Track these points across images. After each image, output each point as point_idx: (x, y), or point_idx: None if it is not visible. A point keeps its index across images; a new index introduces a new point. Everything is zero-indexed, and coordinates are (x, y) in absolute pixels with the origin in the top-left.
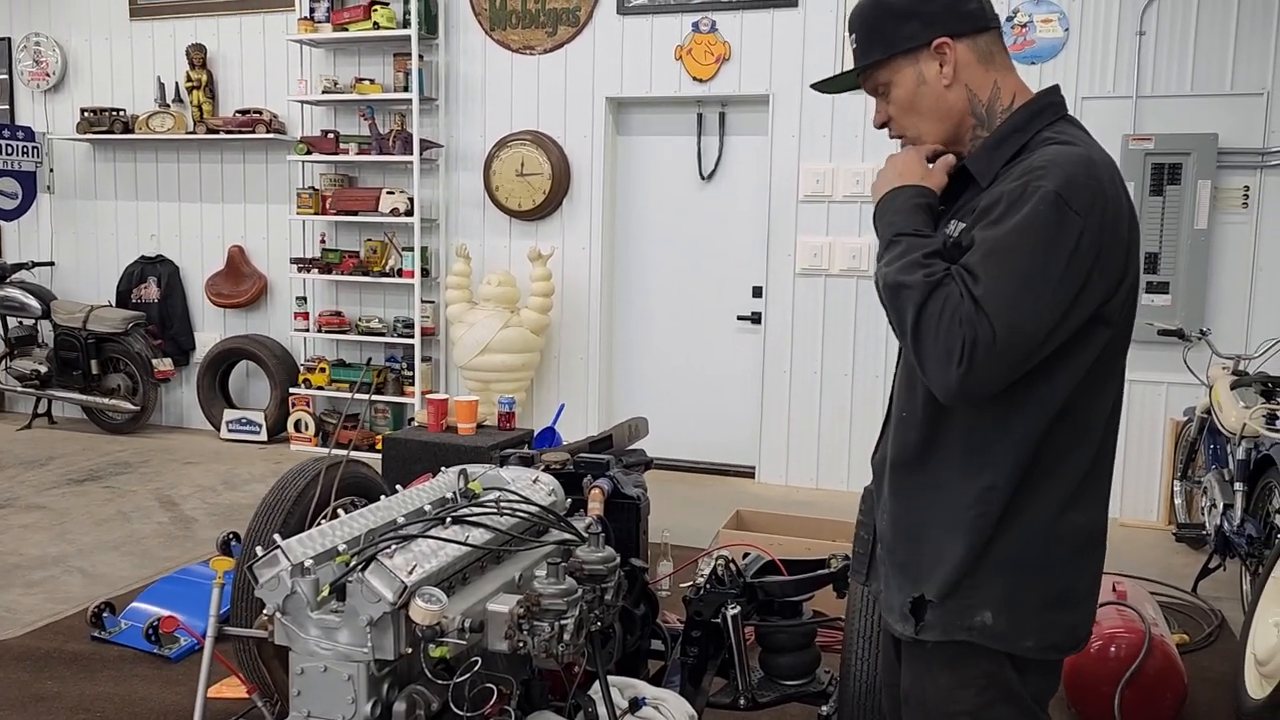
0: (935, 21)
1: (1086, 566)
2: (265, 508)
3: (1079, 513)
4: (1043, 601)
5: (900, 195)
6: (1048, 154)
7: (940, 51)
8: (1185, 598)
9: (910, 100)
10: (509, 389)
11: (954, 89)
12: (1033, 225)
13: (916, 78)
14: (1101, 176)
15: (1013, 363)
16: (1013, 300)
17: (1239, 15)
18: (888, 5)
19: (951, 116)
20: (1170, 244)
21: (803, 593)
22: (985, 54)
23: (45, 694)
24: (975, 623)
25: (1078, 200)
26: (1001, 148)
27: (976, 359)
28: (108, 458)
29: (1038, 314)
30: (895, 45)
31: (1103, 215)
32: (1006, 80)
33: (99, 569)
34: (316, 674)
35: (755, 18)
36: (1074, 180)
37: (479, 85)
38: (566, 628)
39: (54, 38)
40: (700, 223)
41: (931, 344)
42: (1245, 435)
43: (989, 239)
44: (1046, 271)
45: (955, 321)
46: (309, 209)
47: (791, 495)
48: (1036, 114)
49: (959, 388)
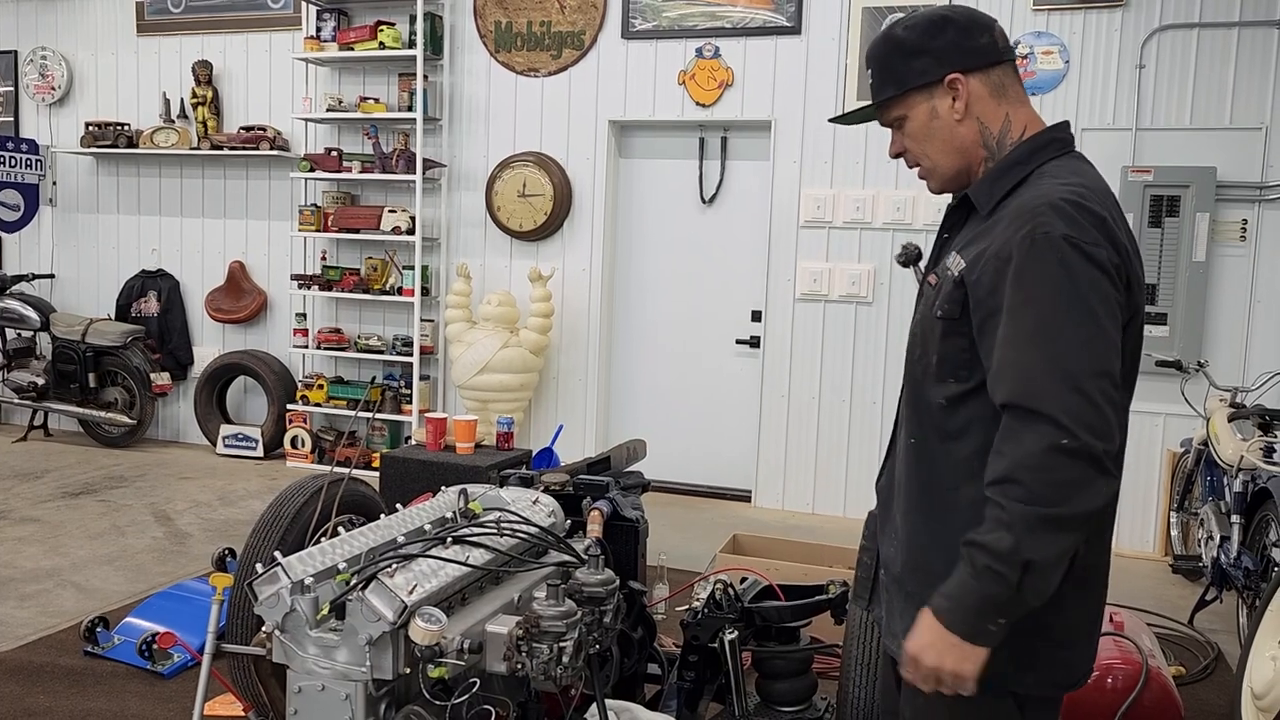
0: (946, 58)
1: (1086, 604)
2: (263, 524)
3: (1090, 550)
4: (1044, 638)
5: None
6: (1042, 190)
7: (953, 87)
8: (1181, 630)
9: (923, 133)
10: (507, 409)
11: (965, 123)
12: (1058, 283)
13: (929, 112)
14: (1103, 207)
15: (1121, 412)
16: (1080, 373)
17: (1238, 50)
18: (899, 41)
19: (963, 149)
20: (1168, 275)
21: (800, 618)
22: (998, 87)
23: (37, 708)
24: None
25: (1088, 235)
26: (1003, 179)
27: (1096, 446)
28: (103, 471)
29: (1108, 360)
30: (908, 81)
31: (1115, 241)
32: (1018, 113)
33: (93, 583)
34: (314, 693)
35: (758, 44)
36: (1074, 217)
37: (483, 106)
38: (565, 650)
39: (60, 51)
40: (700, 246)
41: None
42: (1242, 468)
43: (1021, 331)
44: (1095, 321)
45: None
46: (311, 226)
47: (788, 520)
48: (1041, 148)
49: (1112, 461)
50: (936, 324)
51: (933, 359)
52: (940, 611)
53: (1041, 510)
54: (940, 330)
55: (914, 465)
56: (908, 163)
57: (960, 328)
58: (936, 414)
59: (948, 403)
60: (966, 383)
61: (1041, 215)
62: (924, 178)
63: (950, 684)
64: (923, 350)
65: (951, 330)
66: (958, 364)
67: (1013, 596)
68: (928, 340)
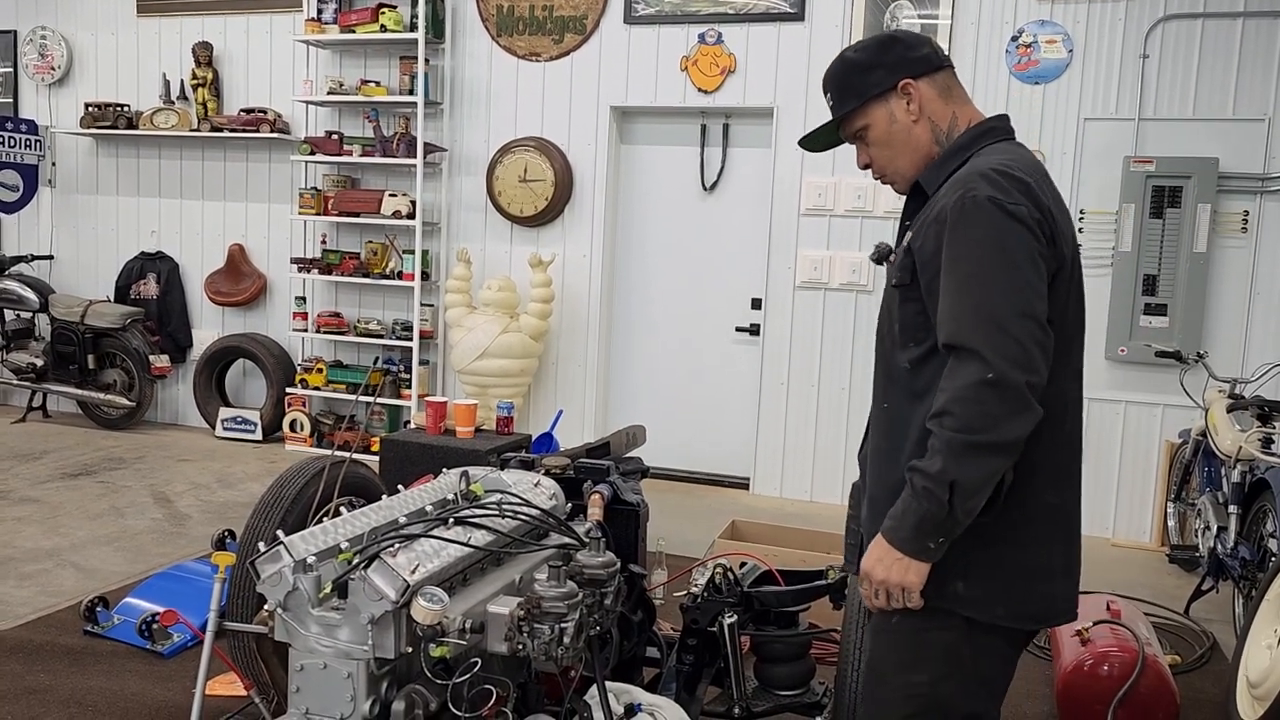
0: (897, 67)
1: (1059, 543)
2: (264, 505)
3: (1051, 493)
4: (1016, 573)
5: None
6: (974, 165)
7: (906, 91)
8: (1177, 619)
9: (885, 138)
10: (506, 394)
11: (920, 123)
12: (983, 236)
13: (888, 117)
14: (1026, 174)
15: (1045, 349)
16: (1005, 314)
17: (1242, 41)
18: (853, 61)
19: (920, 147)
20: (1169, 266)
21: (799, 603)
22: (944, 89)
23: (37, 687)
24: (948, 591)
25: (1011, 195)
26: (947, 163)
27: (1019, 378)
28: (102, 453)
29: (1030, 302)
30: (867, 92)
31: (1037, 199)
32: (964, 111)
33: (92, 563)
34: (316, 671)
35: (761, 30)
36: (998, 180)
37: (484, 90)
38: (566, 631)
39: (60, 31)
40: (701, 233)
41: (1000, 406)
42: (1240, 459)
43: (955, 281)
44: (1015, 260)
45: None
46: (311, 209)
47: (785, 507)
48: (980, 135)
49: (1036, 393)
50: (894, 293)
51: (895, 326)
52: (886, 531)
53: (969, 437)
54: (898, 298)
55: (886, 429)
56: (874, 172)
57: (912, 293)
58: (903, 377)
59: (911, 365)
60: (924, 344)
61: (970, 182)
62: (890, 182)
63: (898, 596)
64: (888, 321)
65: (907, 296)
66: (915, 327)
67: (946, 515)
68: (890, 310)
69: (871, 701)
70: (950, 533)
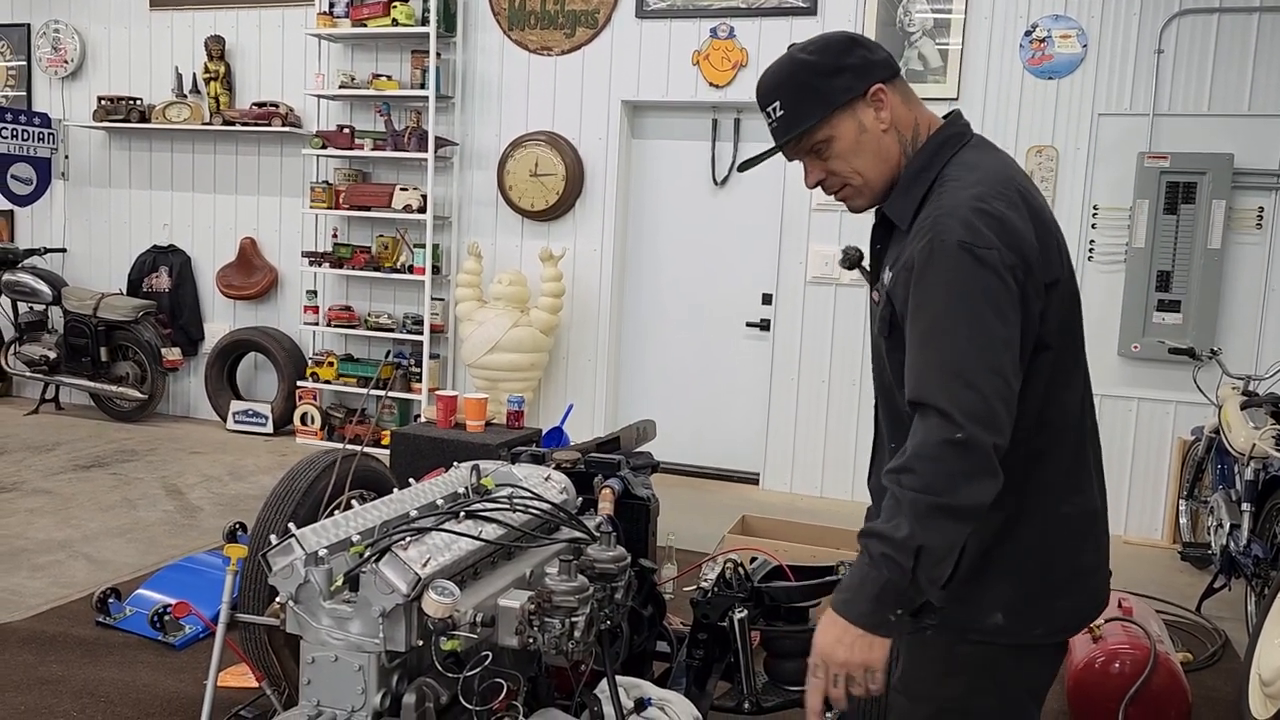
0: (864, 72)
1: (1087, 546)
2: (275, 498)
3: (1068, 504)
4: (1047, 592)
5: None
6: (943, 198)
7: (876, 99)
8: (1189, 617)
9: (852, 150)
10: (517, 388)
11: (889, 132)
12: (952, 286)
13: (856, 127)
14: (1000, 204)
15: (1010, 408)
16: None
17: (1258, 37)
18: (812, 66)
19: (890, 159)
20: (1183, 263)
21: (810, 599)
22: (905, 94)
23: (50, 677)
24: (987, 625)
25: (982, 239)
26: (912, 189)
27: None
28: (114, 445)
29: (998, 358)
30: (834, 100)
31: (1014, 237)
32: (923, 116)
33: (104, 555)
34: (327, 663)
35: (773, 25)
36: (970, 224)
37: (495, 84)
38: (577, 625)
39: (73, 25)
40: (712, 228)
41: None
42: (1254, 456)
43: (919, 333)
44: (983, 312)
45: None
46: (322, 203)
47: (795, 503)
48: (940, 147)
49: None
50: (881, 342)
51: (887, 375)
52: (841, 605)
53: (934, 499)
54: (885, 347)
55: None
56: (828, 188)
57: (897, 342)
58: (908, 420)
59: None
60: None
61: (940, 224)
62: (849, 198)
63: (861, 678)
64: (878, 366)
65: (893, 346)
66: None
67: (908, 584)
68: (880, 357)
69: (902, 715)
70: (910, 604)
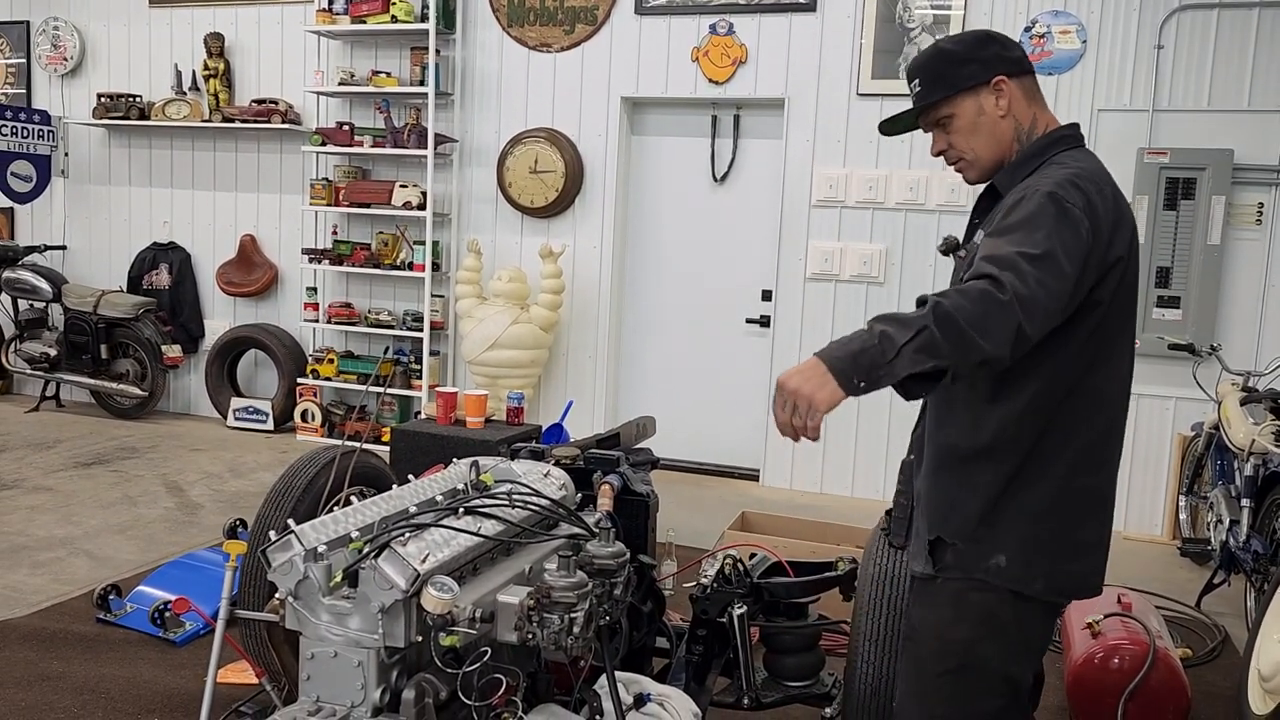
0: (992, 64)
1: (1094, 523)
2: (275, 494)
3: (1089, 475)
4: (1054, 550)
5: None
6: (1047, 173)
7: (998, 88)
8: (1189, 612)
9: (970, 128)
10: (517, 385)
11: (1006, 119)
12: (1036, 215)
13: (976, 109)
14: (1091, 186)
15: (1049, 313)
16: (1034, 261)
17: (1258, 32)
18: (949, 52)
19: (1003, 142)
20: (1183, 259)
21: (809, 594)
22: (1029, 92)
23: (51, 674)
24: (990, 565)
25: (1071, 197)
26: (1022, 168)
27: (1026, 317)
28: (115, 442)
29: (1061, 274)
30: (959, 83)
31: (1093, 209)
32: (1042, 114)
33: (105, 552)
34: (326, 659)
35: (773, 21)
36: (1064, 184)
37: (495, 81)
38: (576, 621)
39: (73, 22)
40: (712, 225)
41: (997, 322)
42: (1254, 452)
43: (1000, 231)
44: (1055, 242)
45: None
46: (322, 200)
47: (795, 499)
48: (1054, 142)
49: (1018, 344)
50: None
51: None
52: (823, 350)
53: (955, 313)
54: None
55: (937, 423)
56: (949, 159)
57: None
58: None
59: None
60: None
61: (1034, 185)
62: (963, 170)
63: (803, 410)
64: None
65: None
66: None
67: (887, 361)
68: None
69: (910, 660)
70: (878, 379)
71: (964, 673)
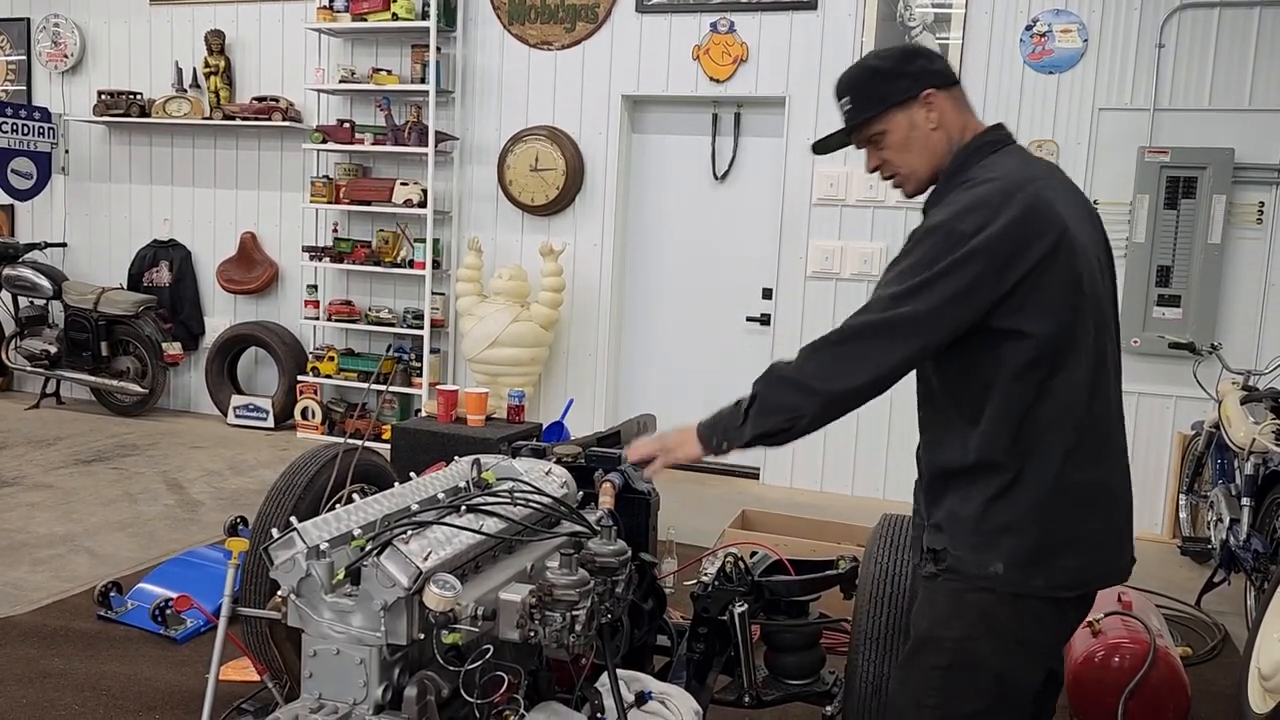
0: (920, 78)
1: (1089, 518)
2: (277, 492)
3: (1077, 472)
4: (1048, 550)
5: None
6: (952, 199)
7: (928, 101)
8: (1189, 611)
9: (903, 143)
10: (517, 383)
11: (938, 131)
12: (921, 247)
13: (909, 124)
14: (997, 199)
15: (925, 338)
16: (897, 295)
17: (1259, 31)
18: (878, 69)
19: (937, 154)
20: (1183, 258)
21: (810, 593)
22: (959, 102)
23: (52, 671)
24: (989, 573)
25: (964, 223)
26: (949, 183)
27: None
28: (115, 439)
29: (929, 297)
30: (890, 99)
31: (992, 228)
32: (970, 123)
33: (105, 549)
34: (329, 657)
35: (774, 19)
36: (959, 212)
37: (495, 79)
38: (578, 618)
39: (73, 19)
40: (712, 223)
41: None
42: (1254, 451)
43: (890, 268)
44: (931, 268)
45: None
46: (323, 198)
47: (795, 498)
48: (972, 153)
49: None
50: None
51: None
52: (702, 420)
53: (789, 379)
54: None
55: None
56: (884, 174)
57: None
58: (928, 378)
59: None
60: (958, 358)
61: (936, 216)
62: (899, 185)
63: (661, 456)
64: None
65: None
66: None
67: (732, 428)
68: None
69: (907, 650)
70: (733, 439)
71: (954, 670)
